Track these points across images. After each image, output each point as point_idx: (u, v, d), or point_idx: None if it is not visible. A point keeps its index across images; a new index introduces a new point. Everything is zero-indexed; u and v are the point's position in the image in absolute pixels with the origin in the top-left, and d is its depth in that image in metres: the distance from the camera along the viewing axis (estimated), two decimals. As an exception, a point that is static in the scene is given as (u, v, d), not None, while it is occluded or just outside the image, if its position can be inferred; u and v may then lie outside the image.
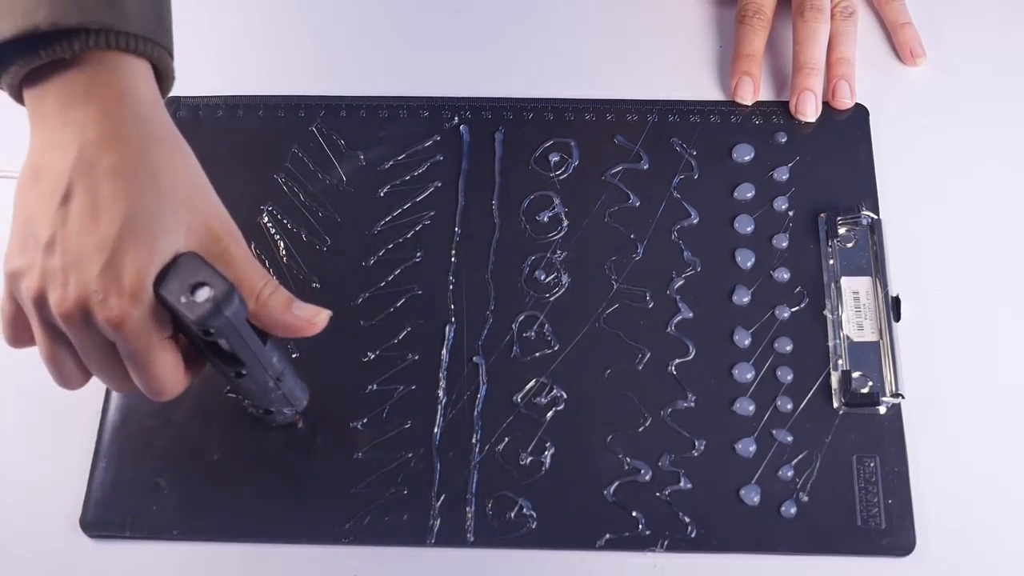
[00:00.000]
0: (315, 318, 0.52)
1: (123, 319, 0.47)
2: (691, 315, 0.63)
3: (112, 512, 0.58)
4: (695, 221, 0.66)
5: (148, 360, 0.49)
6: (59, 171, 0.47)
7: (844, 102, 0.69)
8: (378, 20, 0.74)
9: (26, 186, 0.49)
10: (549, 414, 0.60)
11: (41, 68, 0.48)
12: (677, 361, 0.62)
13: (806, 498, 0.58)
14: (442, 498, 0.58)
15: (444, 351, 0.62)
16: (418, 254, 0.65)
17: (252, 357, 0.52)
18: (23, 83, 0.49)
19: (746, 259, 0.64)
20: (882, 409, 0.60)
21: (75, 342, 0.49)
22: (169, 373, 0.50)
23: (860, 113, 0.69)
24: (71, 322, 0.48)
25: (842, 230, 0.64)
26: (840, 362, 0.61)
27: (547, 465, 0.59)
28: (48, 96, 0.48)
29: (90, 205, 0.47)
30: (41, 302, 0.48)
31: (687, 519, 0.58)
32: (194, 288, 0.47)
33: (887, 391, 0.60)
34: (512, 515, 0.58)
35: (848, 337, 0.62)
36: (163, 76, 0.52)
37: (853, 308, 0.63)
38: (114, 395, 0.61)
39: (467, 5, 0.74)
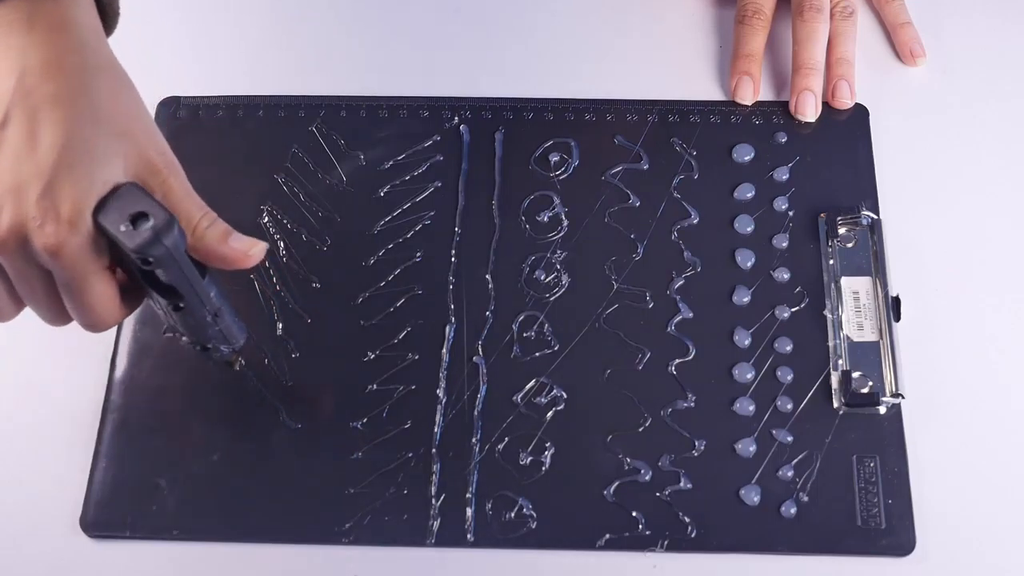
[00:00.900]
0: (251, 250, 0.52)
1: (60, 246, 0.47)
2: (691, 315, 0.63)
3: (112, 512, 0.58)
4: (695, 221, 0.66)
5: (84, 289, 0.49)
6: None
7: (844, 102, 0.69)
8: (378, 20, 0.74)
9: None
10: (549, 414, 0.60)
11: None
12: (677, 361, 0.62)
13: (806, 498, 0.58)
14: (442, 498, 0.58)
15: (444, 351, 0.62)
16: (418, 254, 0.65)
17: (190, 289, 0.52)
18: None
19: (746, 259, 0.64)
20: (882, 409, 0.60)
21: (9, 270, 0.49)
22: (105, 303, 0.51)
23: (860, 113, 0.69)
24: (6, 249, 0.48)
25: (842, 230, 0.64)
26: (840, 362, 0.61)
27: (547, 465, 0.59)
28: None
29: (28, 131, 0.47)
30: None
31: (687, 519, 0.58)
32: (134, 218, 0.47)
33: (887, 391, 0.60)
34: (512, 515, 0.58)
35: (848, 337, 0.62)
36: (107, 12, 0.52)
37: (853, 308, 0.63)
38: (114, 395, 0.61)
39: (467, 5, 0.74)
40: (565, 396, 0.61)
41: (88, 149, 0.47)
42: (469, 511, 0.58)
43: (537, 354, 0.62)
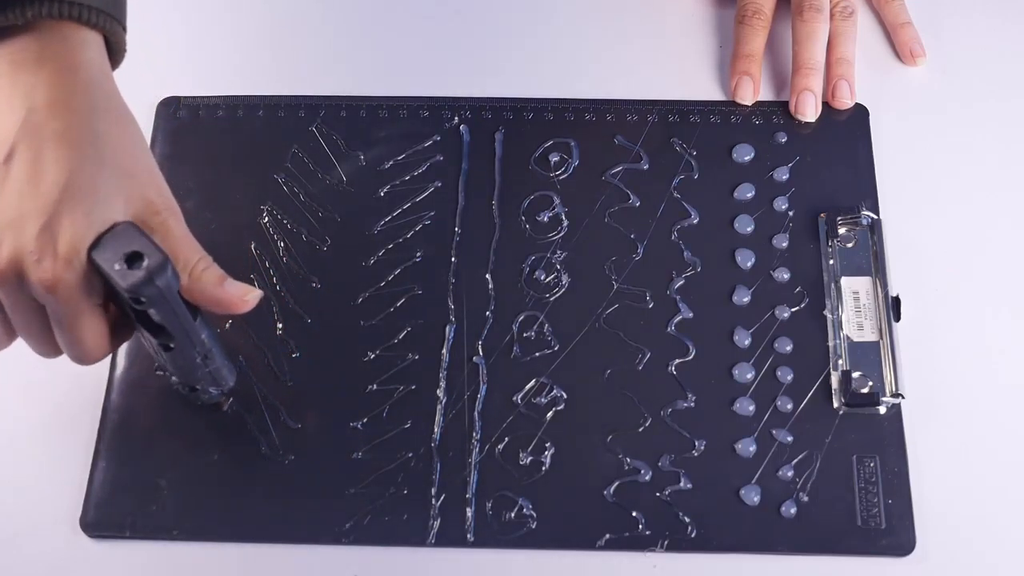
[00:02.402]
0: (246, 296, 0.53)
1: (56, 282, 0.47)
2: (691, 315, 0.63)
3: (112, 512, 0.58)
4: (695, 221, 0.66)
5: (76, 325, 0.50)
6: (4, 132, 0.48)
7: (844, 102, 0.69)
8: (378, 20, 0.74)
9: None
10: (549, 414, 0.60)
11: None
12: (677, 361, 0.62)
13: (806, 498, 0.58)
14: (442, 498, 0.58)
15: (444, 351, 0.62)
16: (418, 254, 0.65)
17: (181, 330, 0.52)
18: None
19: (746, 259, 0.64)
20: (882, 409, 0.60)
21: (5, 302, 0.50)
22: (95, 339, 0.51)
23: (860, 113, 0.69)
24: (3, 280, 0.48)
25: (842, 230, 0.64)
26: (840, 362, 0.61)
27: (547, 465, 0.59)
28: (0, 58, 0.49)
29: (32, 167, 0.47)
30: None
31: (687, 519, 0.58)
32: (129, 257, 0.47)
33: (887, 391, 0.60)
34: (512, 515, 0.58)
35: (848, 337, 0.62)
36: (115, 49, 0.52)
37: (853, 308, 0.63)
38: (114, 395, 0.61)
39: (467, 5, 0.74)
40: (565, 396, 0.61)
41: (90, 187, 0.48)
42: (469, 511, 0.58)
43: (537, 354, 0.62)
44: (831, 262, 0.64)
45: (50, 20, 0.49)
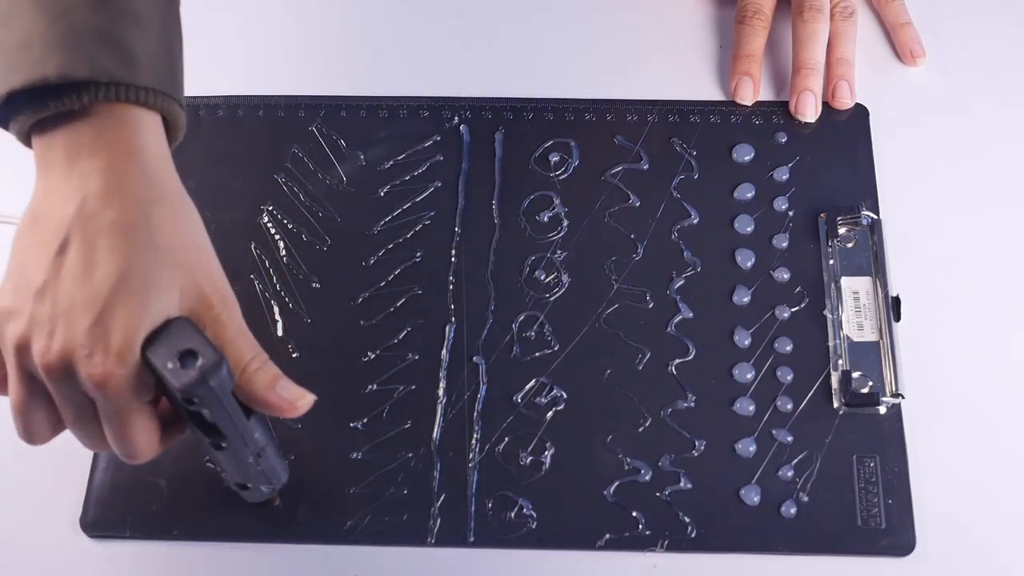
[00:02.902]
0: (299, 401, 0.51)
1: (107, 378, 0.46)
2: (691, 315, 0.63)
3: (112, 512, 0.58)
4: (695, 221, 0.66)
5: (125, 423, 0.49)
6: (59, 220, 0.47)
7: (844, 102, 0.69)
8: (378, 20, 0.74)
9: (25, 231, 0.48)
10: (549, 414, 0.60)
11: (50, 116, 0.48)
12: (677, 361, 0.62)
13: (806, 498, 0.58)
14: (442, 498, 0.58)
15: (444, 351, 0.62)
16: (418, 254, 0.65)
17: (234, 430, 0.51)
18: (31, 130, 0.49)
19: (746, 259, 0.64)
20: (882, 409, 0.60)
21: (54, 394, 0.48)
22: (145, 437, 0.50)
23: (860, 113, 0.69)
24: (52, 373, 0.47)
25: (842, 230, 0.64)
26: (840, 362, 0.61)
27: (547, 465, 0.59)
28: (55, 145, 0.48)
29: (86, 258, 0.46)
30: (23, 348, 0.47)
31: (687, 519, 0.58)
32: (183, 355, 0.46)
33: (887, 391, 0.60)
34: (512, 515, 0.58)
35: (848, 337, 0.62)
36: (173, 128, 0.51)
37: (853, 308, 0.63)
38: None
39: (467, 5, 0.74)
40: (565, 396, 0.61)
41: (144, 280, 0.46)
42: (469, 511, 0.58)
43: (537, 354, 0.62)
44: (831, 262, 0.64)
45: (106, 103, 0.48)
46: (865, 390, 0.60)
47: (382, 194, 0.67)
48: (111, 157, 0.47)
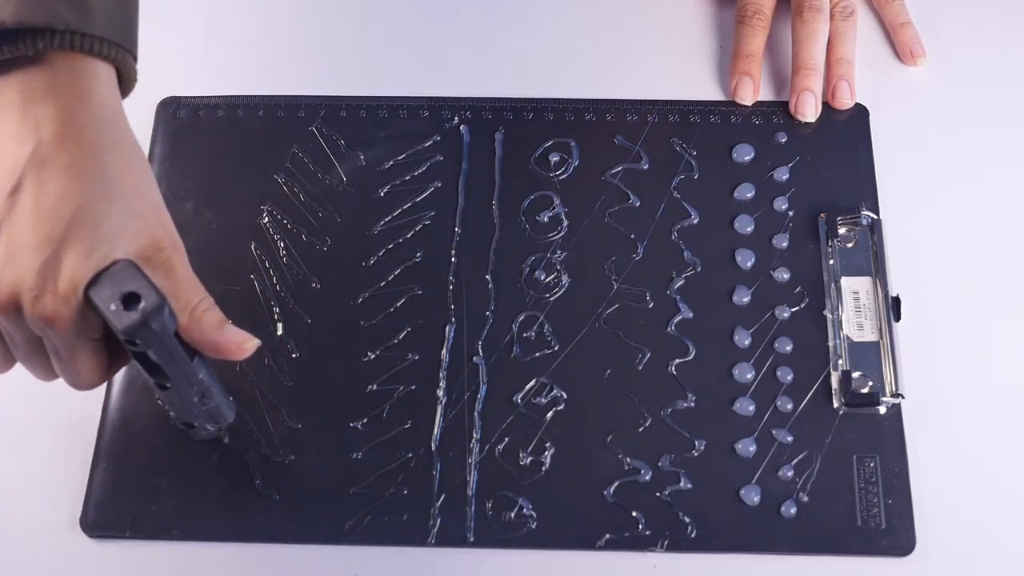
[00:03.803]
0: (245, 343, 0.52)
1: (54, 318, 0.47)
2: (691, 315, 0.63)
3: (112, 512, 0.58)
4: (695, 221, 0.66)
5: (72, 357, 0.50)
6: (12, 163, 0.47)
7: (844, 102, 0.69)
8: (378, 20, 0.74)
9: None
10: (549, 414, 0.60)
11: (3, 60, 0.48)
12: (677, 361, 0.62)
13: (806, 498, 0.58)
14: (442, 498, 0.58)
15: (444, 351, 0.62)
16: (418, 254, 0.65)
17: (177, 372, 0.52)
18: None
19: (746, 259, 0.64)
20: (882, 409, 0.60)
21: (4, 331, 0.50)
22: (91, 370, 0.51)
23: (860, 113, 0.69)
24: (3, 312, 0.48)
25: (842, 230, 0.64)
26: (840, 362, 0.61)
27: (547, 465, 0.59)
28: (8, 88, 0.48)
29: (38, 201, 0.47)
30: None
31: (687, 519, 0.58)
32: (126, 298, 0.47)
33: (887, 391, 0.60)
34: (512, 515, 0.58)
35: (848, 337, 0.62)
36: (126, 79, 0.52)
37: (853, 308, 0.63)
38: (114, 395, 0.61)
39: (468, 5, 0.74)
40: (565, 396, 0.61)
41: (94, 223, 0.47)
42: (469, 511, 0.58)
43: (537, 354, 0.62)
44: (831, 262, 0.64)
45: (61, 52, 0.48)
46: (865, 390, 0.60)
47: (382, 194, 0.67)
48: (66, 103, 0.48)
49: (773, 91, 0.71)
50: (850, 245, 0.64)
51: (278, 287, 0.64)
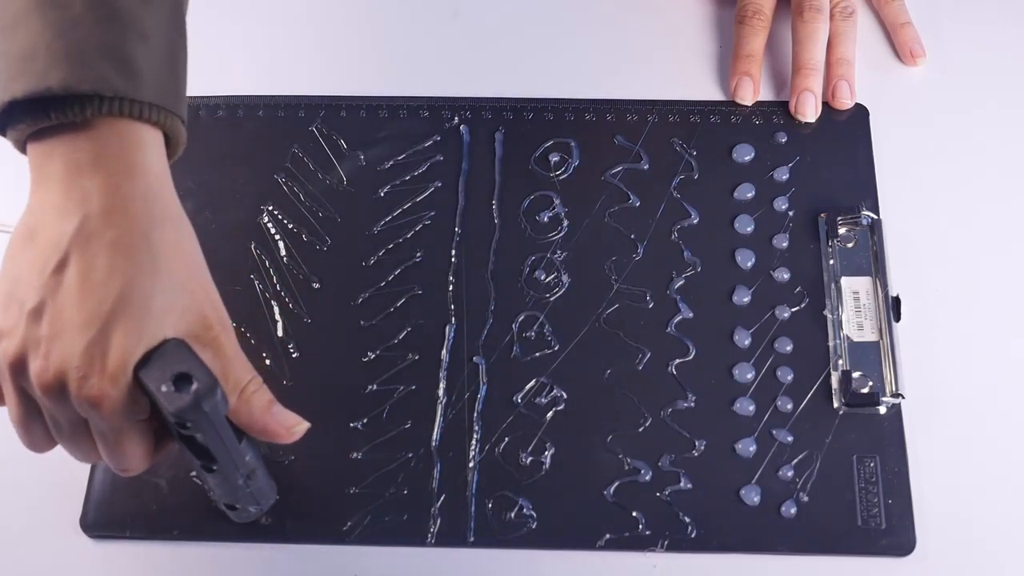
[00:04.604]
0: (294, 427, 0.51)
1: (101, 399, 0.46)
2: (691, 315, 0.63)
3: (112, 512, 0.58)
4: (695, 221, 0.66)
5: (119, 440, 0.49)
6: (57, 237, 0.46)
7: (844, 102, 0.69)
8: (378, 21, 0.74)
9: (19, 246, 0.47)
10: (549, 414, 0.60)
11: (49, 127, 0.47)
12: (677, 361, 0.62)
13: (806, 498, 0.58)
14: (442, 498, 0.58)
15: (444, 351, 0.62)
16: (418, 254, 0.65)
17: (225, 454, 0.51)
18: (29, 138, 0.48)
19: (746, 259, 0.64)
20: (882, 409, 0.60)
21: (47, 412, 0.48)
22: (138, 452, 0.50)
23: (860, 113, 0.69)
24: (47, 393, 0.46)
25: (842, 230, 0.64)
26: (840, 362, 0.61)
27: (547, 465, 0.59)
28: (54, 157, 0.47)
29: (85, 278, 0.46)
30: (18, 368, 0.47)
31: (687, 519, 0.58)
32: (177, 378, 0.46)
33: (887, 391, 0.60)
34: (512, 515, 0.58)
35: (848, 337, 0.62)
36: (173, 144, 0.51)
37: (853, 308, 0.63)
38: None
39: (467, 6, 0.74)
40: (565, 396, 0.61)
41: (142, 301, 0.46)
42: (469, 511, 0.58)
43: (537, 354, 0.62)
44: (831, 262, 0.64)
45: (109, 118, 0.47)
46: (865, 390, 0.60)
47: (382, 194, 0.67)
48: (113, 175, 0.47)
49: (773, 91, 0.71)
50: (850, 245, 0.64)
51: (278, 287, 0.64)
